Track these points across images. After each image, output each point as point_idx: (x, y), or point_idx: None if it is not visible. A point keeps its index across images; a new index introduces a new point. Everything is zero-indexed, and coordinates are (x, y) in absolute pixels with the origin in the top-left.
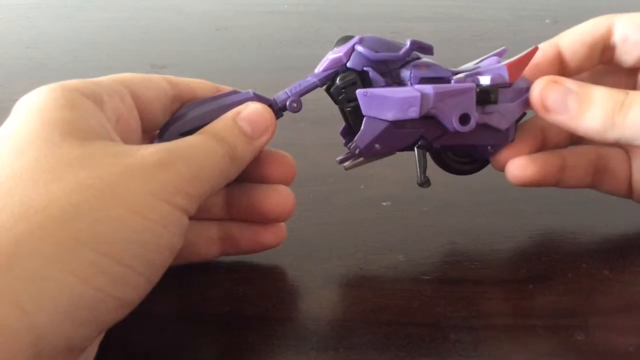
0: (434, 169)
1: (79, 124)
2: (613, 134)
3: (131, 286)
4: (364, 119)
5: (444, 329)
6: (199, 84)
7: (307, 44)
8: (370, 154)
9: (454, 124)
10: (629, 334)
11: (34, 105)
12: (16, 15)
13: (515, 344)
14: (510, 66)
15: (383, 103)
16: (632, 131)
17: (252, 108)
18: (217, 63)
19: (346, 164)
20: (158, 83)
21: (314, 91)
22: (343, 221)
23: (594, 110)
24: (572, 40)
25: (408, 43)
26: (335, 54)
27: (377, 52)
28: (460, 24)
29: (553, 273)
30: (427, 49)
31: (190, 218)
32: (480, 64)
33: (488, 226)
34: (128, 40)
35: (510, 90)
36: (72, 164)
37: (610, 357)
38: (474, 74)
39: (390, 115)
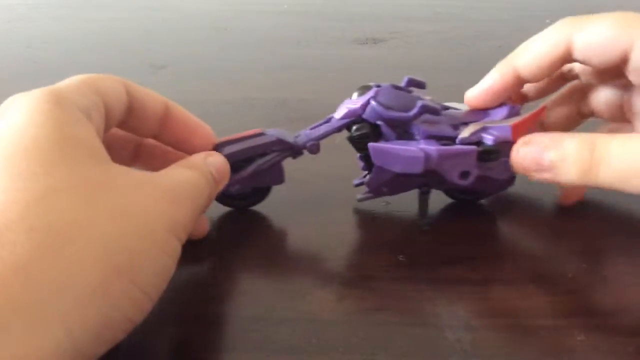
0: None
1: (95, 144)
2: (591, 186)
3: (144, 310)
4: (374, 166)
5: (444, 329)
6: (150, 98)
7: (307, 44)
8: (378, 195)
9: (454, 179)
10: (629, 334)
11: (46, 117)
12: (16, 15)
13: (515, 344)
14: (515, 126)
15: (390, 158)
16: (608, 185)
17: (218, 157)
18: (217, 63)
19: (358, 196)
20: (123, 97)
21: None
22: (343, 221)
23: (567, 169)
24: (530, 63)
25: (418, 105)
26: (353, 104)
27: (390, 107)
28: (460, 24)
29: (553, 273)
30: (420, 85)
31: None
32: (490, 112)
33: (488, 226)
34: (128, 40)
35: (510, 149)
36: (100, 189)
37: (610, 357)
38: (479, 131)
39: (396, 168)
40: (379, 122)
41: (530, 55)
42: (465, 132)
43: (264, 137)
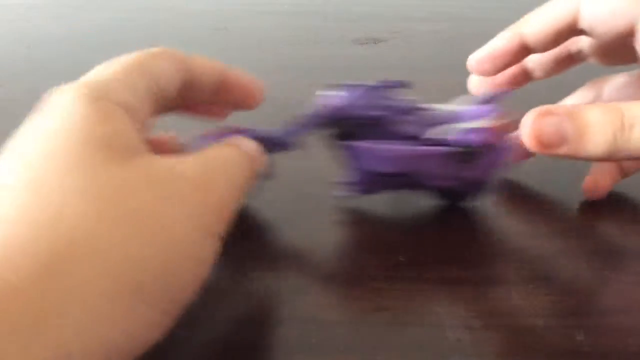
0: None
1: (116, 141)
2: (619, 156)
3: (162, 330)
4: (350, 165)
5: (444, 329)
6: (206, 71)
7: (307, 44)
8: (358, 194)
9: (428, 180)
10: (629, 334)
11: (72, 119)
12: (16, 15)
13: (515, 344)
14: (495, 129)
15: (363, 157)
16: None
17: (249, 141)
18: None
19: (339, 194)
20: (175, 77)
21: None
22: (343, 221)
23: (594, 137)
24: (536, 30)
25: (394, 105)
26: (329, 102)
27: (366, 106)
28: (460, 24)
29: (553, 273)
30: (397, 85)
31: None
32: (472, 108)
33: (488, 226)
34: (128, 40)
35: (486, 151)
36: (115, 193)
37: (610, 357)
38: (455, 131)
39: (368, 167)
40: (355, 121)
41: (537, 22)
42: (440, 133)
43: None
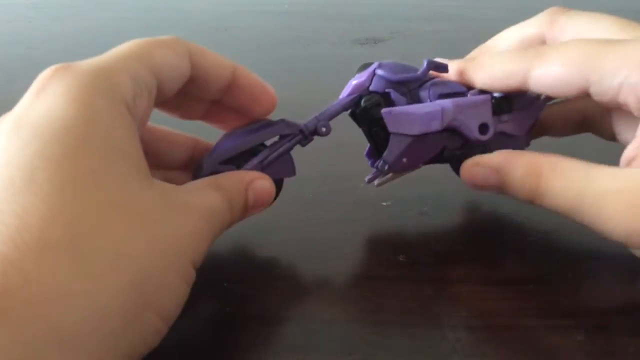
0: (434, 168)
1: (140, 158)
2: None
3: (162, 337)
4: (390, 135)
5: (444, 329)
6: (216, 68)
7: (307, 44)
8: (398, 168)
9: (474, 133)
10: (629, 334)
11: (92, 115)
12: (16, 15)
13: (515, 344)
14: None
15: (407, 119)
16: (553, 210)
17: (265, 185)
18: None
19: (376, 181)
20: (181, 71)
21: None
22: (343, 221)
23: (516, 191)
24: (485, 85)
25: (425, 63)
26: (358, 79)
27: (395, 74)
28: (460, 24)
29: (553, 273)
30: (442, 68)
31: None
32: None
33: (488, 226)
34: (128, 40)
35: (520, 100)
36: (145, 215)
37: (610, 357)
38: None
39: (415, 130)
40: (388, 90)
41: (487, 78)
42: (474, 90)
43: (273, 127)
